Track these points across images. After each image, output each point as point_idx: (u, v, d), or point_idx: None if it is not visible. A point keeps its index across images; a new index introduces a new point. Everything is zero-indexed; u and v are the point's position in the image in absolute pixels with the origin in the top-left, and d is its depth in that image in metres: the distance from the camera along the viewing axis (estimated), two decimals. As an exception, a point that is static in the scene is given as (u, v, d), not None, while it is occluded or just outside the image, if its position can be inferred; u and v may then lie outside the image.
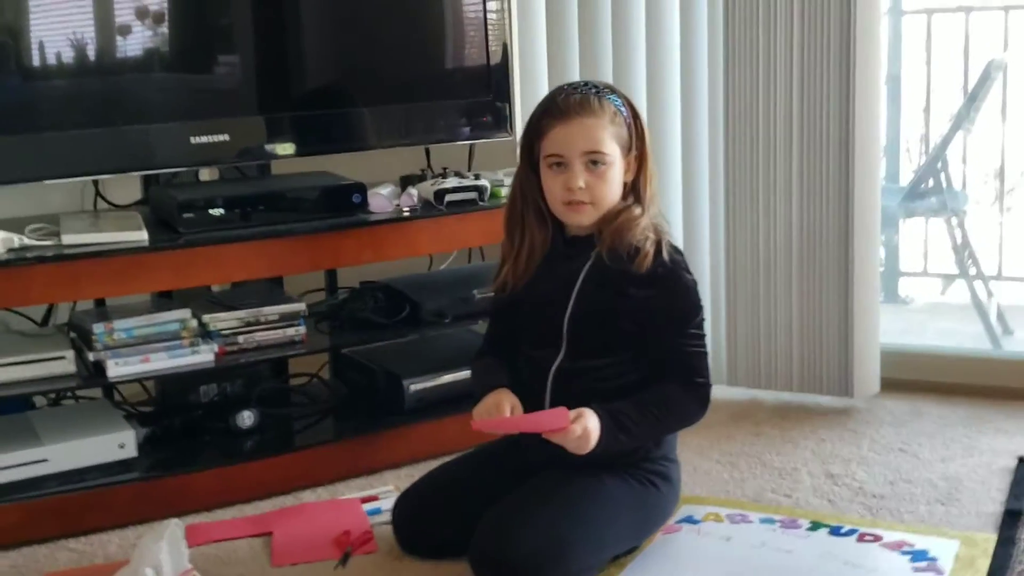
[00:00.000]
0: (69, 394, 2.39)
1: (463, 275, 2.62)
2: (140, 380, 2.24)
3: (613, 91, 1.88)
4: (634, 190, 1.88)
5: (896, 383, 2.64)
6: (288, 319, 2.27)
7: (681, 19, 2.63)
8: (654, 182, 1.90)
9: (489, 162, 2.66)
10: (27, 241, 2.03)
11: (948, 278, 3.62)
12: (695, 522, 1.99)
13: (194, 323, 2.18)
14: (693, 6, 2.61)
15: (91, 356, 2.10)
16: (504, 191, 2.43)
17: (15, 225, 2.08)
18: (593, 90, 1.85)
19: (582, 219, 1.86)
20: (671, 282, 1.83)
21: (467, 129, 2.53)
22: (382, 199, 2.35)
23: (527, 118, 1.91)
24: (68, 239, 2.05)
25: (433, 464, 2.04)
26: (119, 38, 2.16)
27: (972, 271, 3.34)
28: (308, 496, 2.18)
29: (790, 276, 2.56)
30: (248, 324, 2.23)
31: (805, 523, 1.97)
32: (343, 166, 2.47)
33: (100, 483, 2.08)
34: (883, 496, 2.10)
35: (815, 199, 2.51)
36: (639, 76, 2.65)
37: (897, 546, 1.87)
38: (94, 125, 2.13)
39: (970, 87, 3.41)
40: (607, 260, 1.83)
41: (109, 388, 2.39)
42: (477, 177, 2.43)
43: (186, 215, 2.15)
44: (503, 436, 1.93)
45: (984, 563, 1.80)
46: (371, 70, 2.44)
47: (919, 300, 3.67)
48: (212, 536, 2.00)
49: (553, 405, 1.82)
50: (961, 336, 3.23)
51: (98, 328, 2.09)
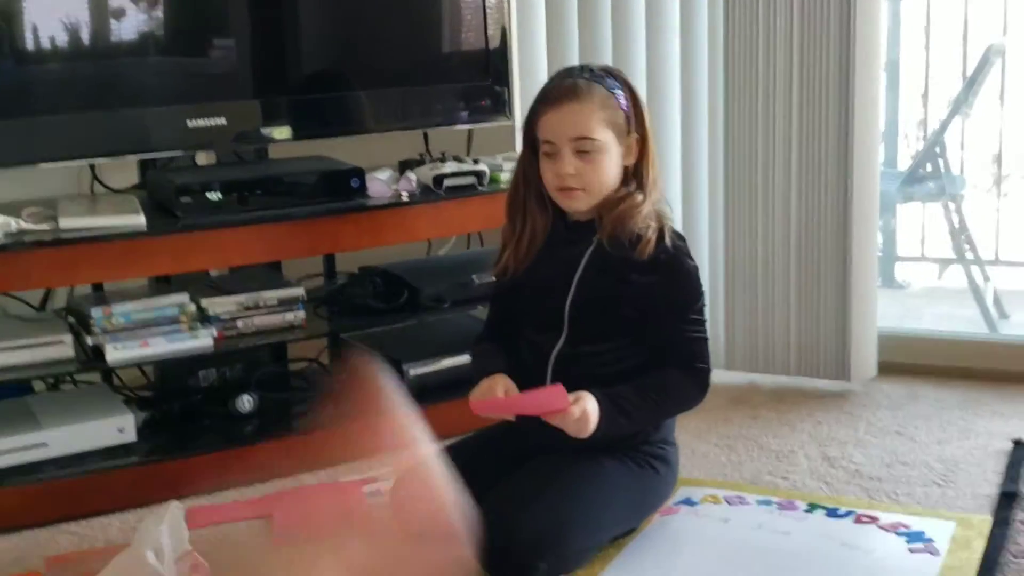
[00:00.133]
0: (68, 378, 2.39)
1: (462, 260, 2.62)
2: (139, 365, 2.25)
3: (611, 74, 1.86)
4: (636, 174, 1.87)
5: (893, 367, 2.65)
6: (287, 304, 2.27)
7: (681, 2, 2.62)
8: (656, 166, 1.89)
9: (488, 146, 2.66)
10: (24, 225, 2.03)
11: (945, 263, 3.63)
12: (693, 504, 2.00)
13: (193, 308, 2.18)
14: (692, -9, 2.61)
15: (90, 340, 2.10)
16: (503, 176, 2.43)
17: (12, 209, 2.07)
18: (587, 75, 1.84)
19: (575, 205, 1.86)
20: (673, 268, 1.83)
21: (465, 113, 2.52)
22: (380, 184, 2.34)
23: (528, 102, 1.90)
24: (65, 223, 2.04)
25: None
26: (116, 21, 2.15)
27: (969, 256, 3.35)
28: (308, 479, 2.19)
29: (788, 261, 2.57)
30: (247, 309, 2.23)
31: (802, 505, 1.98)
32: (341, 151, 2.47)
33: (100, 467, 2.09)
34: (880, 478, 2.11)
35: (814, 184, 2.51)
36: (638, 59, 2.65)
37: (894, 527, 1.88)
38: (91, 108, 2.13)
39: (969, 72, 3.41)
40: (608, 247, 1.83)
41: (108, 373, 2.39)
42: (476, 162, 2.43)
43: (184, 199, 2.14)
44: (502, 421, 1.93)
45: (980, 544, 1.81)
46: (369, 54, 2.43)
47: (916, 285, 3.68)
48: (212, 519, 2.01)
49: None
50: (958, 320, 3.24)
51: (96, 312, 2.09)
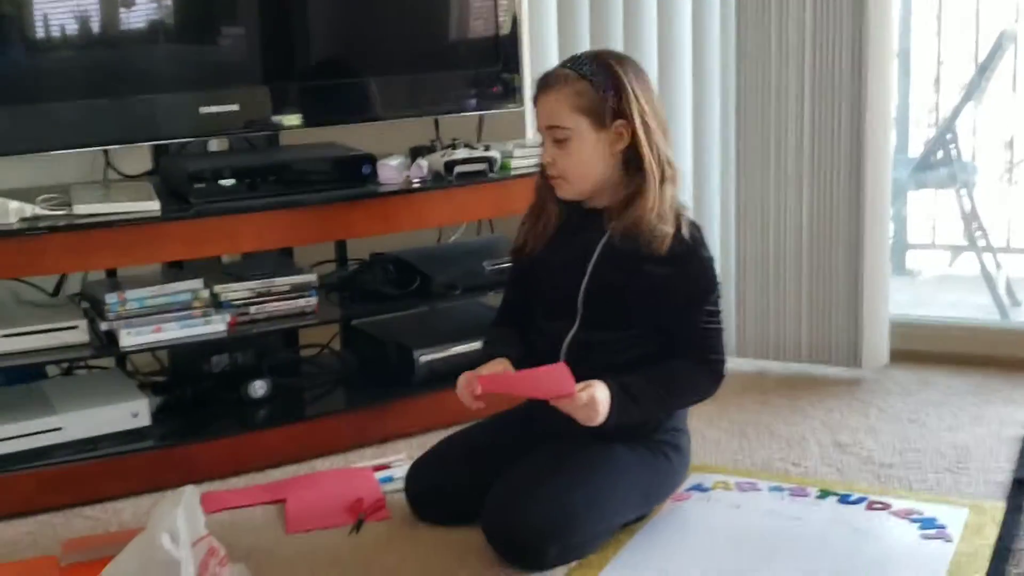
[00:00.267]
0: (81, 364, 2.41)
1: (473, 247, 2.62)
2: (152, 350, 2.26)
3: (596, 59, 1.83)
4: (634, 159, 1.82)
5: (905, 354, 2.64)
6: (299, 290, 2.28)
7: (692, -11, 2.62)
8: (656, 152, 1.80)
9: (498, 133, 2.66)
10: (39, 211, 2.03)
11: (956, 250, 3.62)
12: (704, 490, 2.00)
13: (206, 293, 2.18)
14: (704, -24, 2.60)
15: (103, 326, 2.11)
16: (513, 162, 2.43)
17: (27, 195, 2.08)
18: (569, 63, 1.84)
19: (561, 193, 1.87)
20: (688, 260, 1.82)
21: (476, 100, 2.52)
22: (392, 170, 2.34)
23: None
24: (80, 209, 2.05)
25: (444, 434, 2.05)
26: (130, 8, 2.15)
27: (981, 243, 3.34)
28: (320, 465, 2.20)
29: (800, 248, 2.56)
30: (259, 295, 2.24)
31: (814, 491, 1.98)
32: (352, 137, 2.47)
33: (114, 451, 2.10)
34: (892, 465, 2.11)
35: (826, 171, 2.51)
36: (650, 45, 2.64)
37: (906, 514, 1.88)
38: (104, 95, 2.13)
39: (981, 58, 3.39)
40: (619, 244, 1.82)
41: (121, 358, 2.41)
42: (487, 148, 2.43)
43: (197, 185, 2.15)
44: (516, 405, 1.94)
45: (992, 531, 1.81)
46: (381, 41, 2.43)
47: (927, 272, 3.67)
48: (226, 504, 2.02)
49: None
50: (969, 308, 3.23)
51: (110, 298, 2.10)
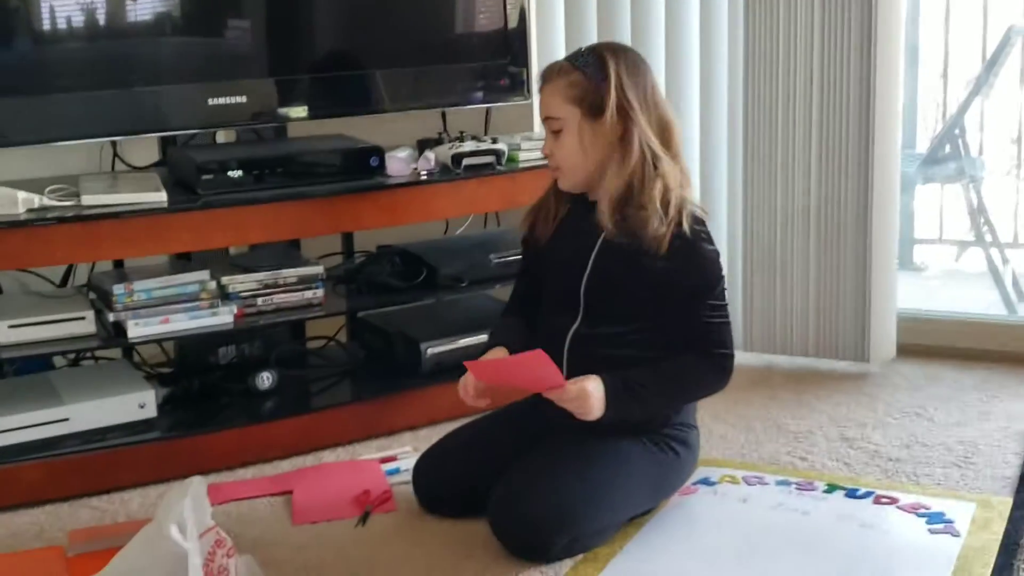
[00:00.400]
0: (88, 355, 2.41)
1: (480, 240, 2.62)
2: (159, 341, 2.26)
3: (594, 51, 1.83)
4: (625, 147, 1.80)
5: (912, 348, 2.64)
6: (306, 282, 2.28)
7: (700, -19, 2.61)
8: (644, 144, 1.78)
9: (506, 126, 2.66)
10: (47, 202, 2.04)
11: (963, 245, 3.61)
12: (711, 484, 2.00)
13: (213, 285, 2.19)
14: (712, -32, 2.60)
15: (111, 317, 2.11)
16: (521, 155, 2.43)
17: (35, 186, 2.08)
18: (570, 55, 1.86)
19: (561, 184, 1.88)
20: (689, 254, 1.81)
21: (483, 93, 2.52)
22: (400, 162, 2.34)
23: None
24: (88, 200, 2.05)
25: (451, 426, 2.05)
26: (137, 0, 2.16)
27: (988, 238, 3.33)
28: (327, 456, 2.20)
29: (807, 242, 2.56)
30: (266, 286, 2.24)
31: (821, 485, 1.98)
32: (360, 130, 2.47)
33: (121, 442, 2.10)
34: (899, 459, 2.10)
35: (834, 165, 2.50)
36: (657, 38, 2.64)
37: (913, 508, 1.88)
38: (112, 87, 2.13)
39: (989, 53, 3.38)
40: (616, 238, 1.81)
41: (128, 349, 2.41)
42: (494, 141, 2.43)
43: (205, 177, 2.15)
44: (523, 399, 1.94)
45: (1000, 526, 1.81)
46: (389, 33, 2.42)
47: (933, 267, 3.66)
48: (233, 495, 2.02)
49: (571, 371, 1.82)
50: (976, 303, 3.22)
51: (118, 289, 2.10)
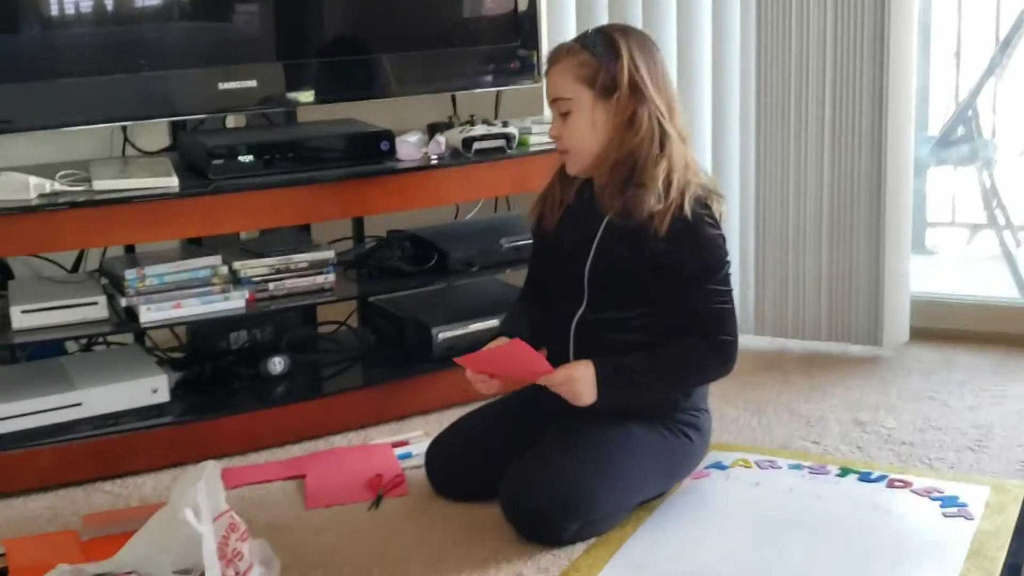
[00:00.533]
0: (101, 340, 2.41)
1: (491, 224, 2.62)
2: (172, 325, 2.26)
3: (602, 31, 1.83)
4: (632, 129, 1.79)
5: (925, 332, 2.63)
6: (317, 267, 2.28)
7: (712, -37, 2.59)
8: (655, 124, 1.77)
9: (516, 109, 2.65)
10: (58, 187, 2.04)
11: (976, 228, 3.59)
12: (723, 468, 2.00)
13: (225, 270, 2.19)
14: (724, -50, 2.58)
15: (123, 302, 2.11)
16: (531, 139, 2.42)
17: (46, 171, 2.08)
18: (578, 36, 1.84)
19: (568, 168, 1.86)
20: (690, 237, 1.79)
21: (494, 76, 2.51)
22: (410, 147, 2.34)
23: None
24: (99, 185, 2.05)
25: (462, 411, 2.05)
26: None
27: (1001, 220, 3.31)
28: (339, 441, 2.20)
29: (820, 225, 2.55)
30: (278, 271, 2.24)
31: (834, 469, 1.98)
32: (370, 114, 2.46)
33: (134, 427, 2.11)
34: (912, 443, 2.10)
35: (847, 148, 2.49)
36: (669, 20, 2.62)
37: (927, 492, 1.87)
38: (122, 72, 2.13)
39: (1003, 34, 3.35)
40: (619, 222, 1.81)
41: (140, 334, 2.41)
42: (505, 125, 2.42)
43: (216, 161, 2.15)
44: (531, 384, 1.94)
45: (1015, 510, 1.80)
46: (399, 16, 2.42)
47: (945, 250, 3.64)
48: (246, 479, 2.03)
49: (577, 357, 1.82)
50: (989, 286, 3.20)
51: (130, 274, 2.10)
